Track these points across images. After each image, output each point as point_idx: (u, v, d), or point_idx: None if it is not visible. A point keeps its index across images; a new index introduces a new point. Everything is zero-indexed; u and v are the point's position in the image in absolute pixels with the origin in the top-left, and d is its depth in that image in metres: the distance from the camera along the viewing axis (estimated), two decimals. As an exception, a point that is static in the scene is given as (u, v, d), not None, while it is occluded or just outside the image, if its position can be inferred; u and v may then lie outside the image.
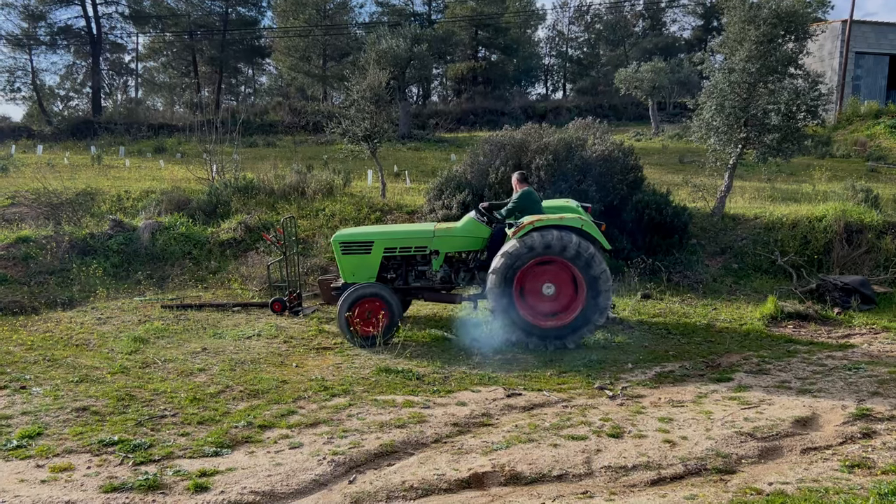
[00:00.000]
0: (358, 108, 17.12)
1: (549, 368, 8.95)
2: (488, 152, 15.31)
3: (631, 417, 7.21)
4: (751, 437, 6.67)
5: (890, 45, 37.37)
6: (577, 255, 9.60)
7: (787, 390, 8.06)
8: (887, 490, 5.12)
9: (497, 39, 51.59)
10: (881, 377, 8.45)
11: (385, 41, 32.11)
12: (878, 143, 28.67)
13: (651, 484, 5.82)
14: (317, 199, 16.91)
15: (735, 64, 14.23)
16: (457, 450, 6.42)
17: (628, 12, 57.56)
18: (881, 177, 22.56)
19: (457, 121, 41.70)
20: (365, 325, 9.99)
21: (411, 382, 8.31)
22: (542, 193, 14.27)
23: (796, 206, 15.85)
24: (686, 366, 9.10)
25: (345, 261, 10.70)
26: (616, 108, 44.97)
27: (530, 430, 6.87)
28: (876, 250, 13.74)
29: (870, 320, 11.37)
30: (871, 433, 6.77)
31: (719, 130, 14.87)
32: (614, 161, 14.88)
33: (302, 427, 6.90)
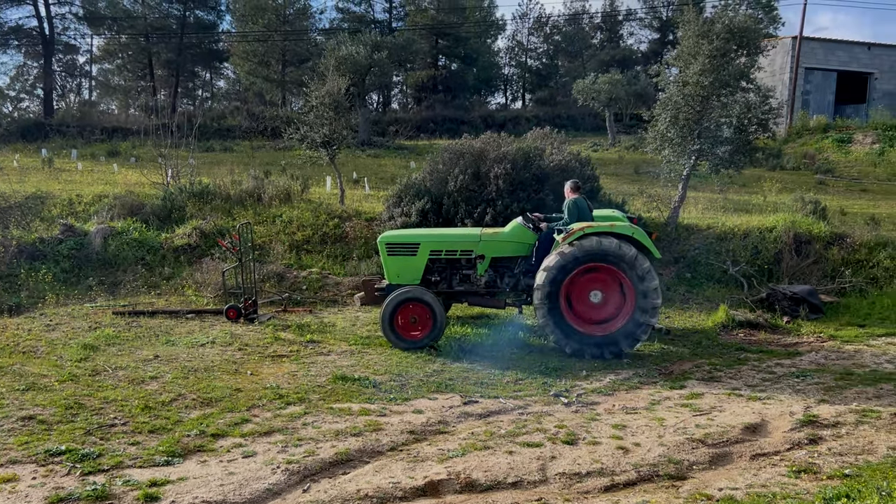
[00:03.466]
0: (317, 114, 17.03)
1: (505, 376, 9.00)
2: (447, 160, 15.35)
3: (585, 424, 7.29)
4: (702, 444, 6.79)
5: (837, 61, 38.52)
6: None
7: (738, 397, 8.23)
8: (832, 495, 5.25)
9: (457, 48, 51.78)
10: (827, 384, 8.68)
11: (345, 48, 31.99)
12: (826, 157, 29.46)
13: (604, 490, 5.89)
14: (274, 205, 16.76)
15: (689, 77, 14.51)
16: (413, 458, 6.42)
17: (586, 24, 58.28)
18: (829, 189, 23.18)
19: (417, 128, 41.68)
20: (409, 329, 10.13)
21: (368, 390, 8.28)
22: (501, 202, 14.39)
23: (748, 217, 16.20)
24: (640, 373, 9.23)
25: (390, 262, 10.75)
26: (574, 118, 45.41)
27: (486, 437, 6.90)
28: (823, 261, 14.10)
29: (817, 329, 11.67)
30: (818, 439, 6.95)
31: (673, 142, 15.14)
32: (571, 171, 15.03)
33: (256, 435, 6.83)
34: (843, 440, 6.89)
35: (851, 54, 38.78)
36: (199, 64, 55.04)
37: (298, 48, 47.89)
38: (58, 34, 48.26)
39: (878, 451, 6.57)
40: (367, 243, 15.03)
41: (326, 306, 13.17)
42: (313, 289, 13.80)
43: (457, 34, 50.95)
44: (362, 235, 15.33)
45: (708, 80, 14.22)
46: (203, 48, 52.08)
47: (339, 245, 15.26)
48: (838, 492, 5.30)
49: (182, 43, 49.47)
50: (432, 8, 51.39)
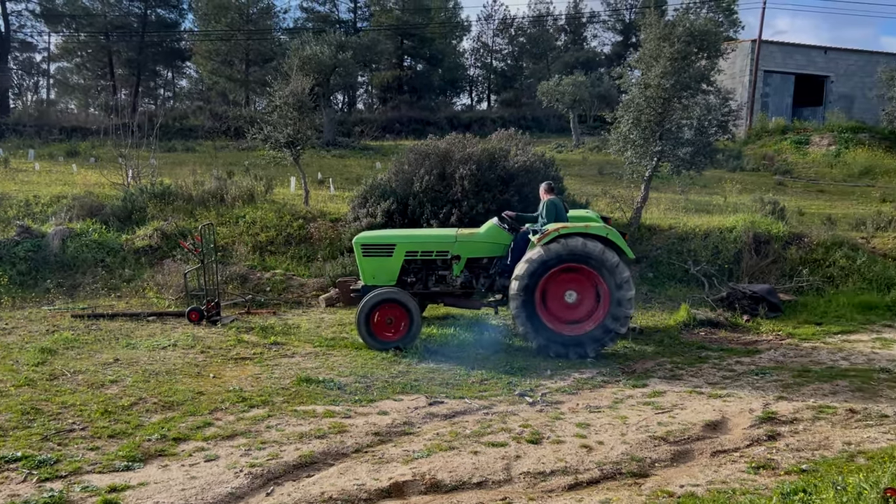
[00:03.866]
0: (280, 114, 16.90)
1: (471, 376, 9.01)
2: (413, 161, 15.34)
3: (550, 423, 7.34)
4: (664, 441, 6.88)
5: (795, 64, 39.33)
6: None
7: (699, 395, 8.35)
8: (789, 490, 5.36)
9: (422, 49, 51.82)
10: (786, 381, 8.85)
11: (309, 47, 31.78)
12: (784, 158, 30.05)
13: (568, 489, 5.94)
14: (237, 206, 16.58)
15: (651, 79, 14.70)
16: (377, 459, 6.40)
17: (551, 26, 58.70)
18: (787, 190, 23.65)
19: (382, 129, 41.57)
20: (385, 330, 10.10)
21: (332, 392, 8.23)
22: (466, 203, 14.43)
23: (708, 218, 16.46)
24: (603, 372, 9.31)
25: (365, 263, 10.71)
26: (539, 119, 45.72)
27: (451, 437, 6.91)
28: (782, 260, 14.38)
29: (776, 327, 11.89)
30: (776, 435, 7.08)
31: (636, 143, 15.32)
32: (536, 172, 15.14)
33: (218, 439, 6.75)
34: (801, 436, 7.03)
35: (809, 58, 39.62)
36: (161, 63, 54.29)
37: (262, 47, 47.50)
38: (14, 32, 47.24)
39: (834, 447, 6.73)
40: (332, 244, 14.97)
41: (291, 308, 13.08)
42: (277, 290, 13.69)
43: (422, 35, 50.98)
44: (327, 236, 15.25)
45: (669, 82, 14.41)
46: (165, 47, 51.38)
47: (304, 246, 15.16)
48: (795, 487, 5.40)
49: (143, 41, 48.74)
50: (397, 8, 51.37)
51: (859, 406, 7.85)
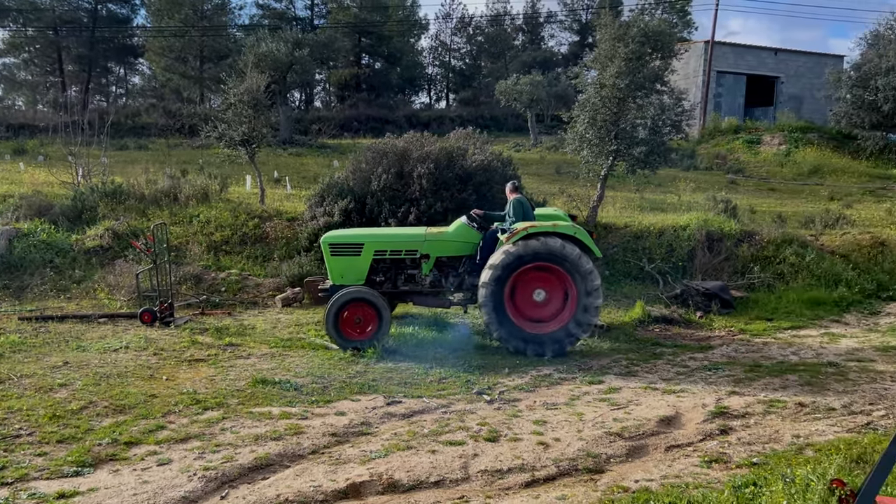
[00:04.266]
0: (235, 111, 16.68)
1: (429, 375, 9.00)
2: (370, 159, 15.28)
3: (507, 421, 7.37)
4: (619, 437, 6.96)
5: (747, 65, 40.16)
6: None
7: (654, 391, 8.47)
8: (741, 483, 5.46)
9: (380, 47, 51.62)
10: (737, 377, 9.02)
11: (265, 44, 31.43)
12: (736, 157, 30.65)
13: (525, 486, 5.97)
14: (191, 205, 16.31)
15: (606, 79, 14.86)
16: (334, 460, 6.36)
17: (508, 26, 58.98)
18: (739, 188, 24.13)
19: (340, 127, 41.28)
20: (354, 330, 10.01)
21: (289, 393, 8.15)
22: (425, 202, 14.42)
23: (663, 216, 16.70)
24: (560, 369, 9.38)
25: (333, 262, 10.60)
26: (497, 118, 45.90)
27: (409, 437, 6.89)
28: (734, 257, 14.66)
29: (728, 323, 12.12)
30: (728, 430, 7.22)
31: (592, 143, 15.47)
32: (494, 171, 15.21)
33: (171, 442, 6.63)
34: (752, 430, 7.18)
35: (760, 59, 40.49)
36: (113, 59, 53.15)
37: (217, 44, 46.80)
38: (-42, 26, 45.78)
39: (784, 440, 6.88)
40: (289, 244, 14.82)
41: (246, 308, 12.91)
42: (232, 290, 13.51)
43: (380, 33, 50.79)
44: (283, 236, 15.10)
45: (624, 82, 14.59)
46: (116, 43, 50.32)
47: (260, 245, 14.99)
48: (746, 480, 5.51)
49: (94, 37, 47.64)
50: (354, 6, 51.08)
51: (808, 400, 8.04)
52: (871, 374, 9.06)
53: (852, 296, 13.45)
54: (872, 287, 13.89)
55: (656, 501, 5.29)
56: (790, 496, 4.81)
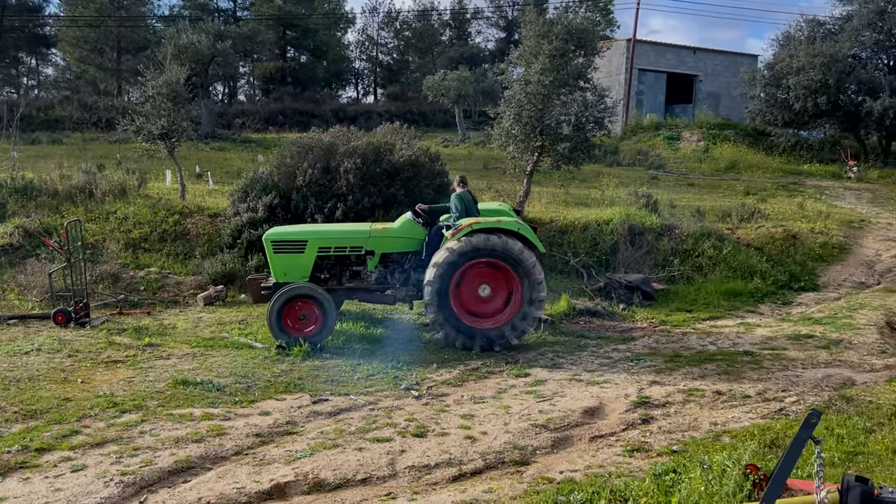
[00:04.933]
0: (154, 104, 16.16)
1: (357, 372, 8.93)
2: (296, 154, 15.03)
3: (435, 416, 7.37)
4: (545, 429, 7.05)
5: (667, 63, 41.28)
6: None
7: (578, 382, 8.61)
8: (661, 470, 5.60)
9: (306, 40, 50.89)
10: (659, 367, 9.26)
11: (185, 36, 30.58)
12: (658, 153, 31.49)
13: (452, 480, 5.98)
14: (107, 202, 15.71)
15: (531, 76, 15.03)
16: (258, 461, 6.23)
17: (436, 21, 59.02)
18: (660, 183, 24.76)
19: (265, 121, 40.52)
20: (298, 327, 9.85)
21: (211, 394, 7.95)
22: (352, 197, 14.28)
23: (587, 211, 17.00)
24: (488, 363, 9.44)
25: (276, 260, 10.39)
26: (425, 114, 45.89)
27: (336, 435, 6.82)
28: (655, 251, 15.05)
29: (650, 315, 12.43)
30: (649, 419, 7.40)
31: (517, 139, 15.62)
32: (421, 166, 15.19)
33: (87, 447, 6.38)
34: (672, 419, 7.37)
35: (679, 57, 41.67)
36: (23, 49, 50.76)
37: (135, 35, 45.26)
38: None
39: (702, 427, 7.10)
40: (211, 240, 14.46)
41: (167, 307, 12.53)
42: (152, 289, 13.09)
43: (305, 26, 50.05)
44: (205, 232, 14.71)
45: (548, 78, 14.77)
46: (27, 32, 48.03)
47: (181, 243, 14.57)
48: (667, 467, 5.66)
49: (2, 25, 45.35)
50: (279, -2, 50.20)
51: (725, 388, 8.31)
52: (784, 362, 9.44)
53: (766, 287, 13.99)
54: (785, 278, 14.48)
55: (580, 491, 5.37)
56: (707, 482, 4.96)
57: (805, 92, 27.78)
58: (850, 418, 7.09)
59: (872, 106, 26.68)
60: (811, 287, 14.43)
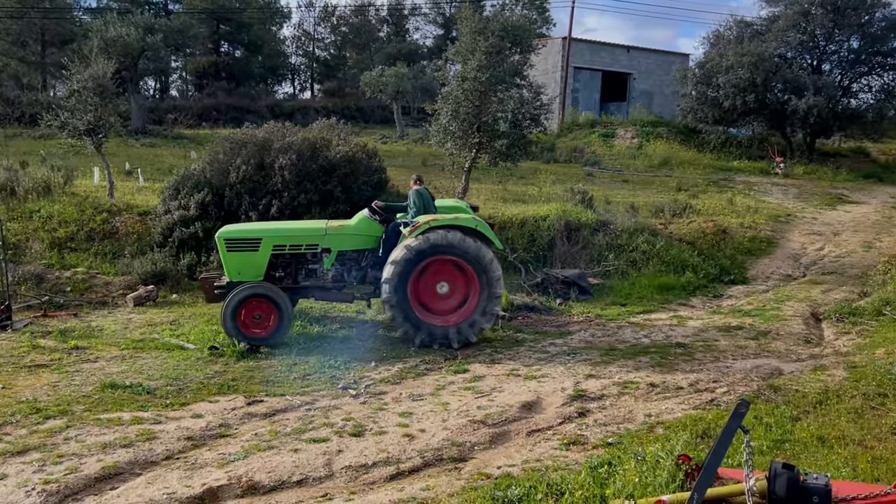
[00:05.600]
0: (79, 99, 15.59)
1: (293, 372, 8.79)
2: (229, 150, 14.71)
3: (373, 415, 7.30)
4: (483, 425, 7.06)
5: (602, 62, 41.91)
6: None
7: (516, 377, 8.65)
8: (596, 463, 5.66)
9: (240, 35, 49.90)
10: (594, 360, 9.37)
11: (114, 28, 29.59)
12: (593, 150, 31.95)
13: (390, 479, 5.93)
14: (31, 200, 15.06)
15: (468, 73, 15.06)
16: (190, 465, 6.07)
17: (373, 17, 58.65)
18: (596, 180, 25.13)
19: (198, 116, 39.58)
20: (252, 327, 9.68)
21: (141, 397, 7.71)
22: (287, 194, 14.06)
23: (525, 207, 17.12)
24: (427, 360, 9.41)
25: (230, 258, 10.14)
26: (363, 110, 45.57)
27: (271, 436, 6.69)
28: (591, 246, 15.26)
29: (586, 309, 12.59)
30: (586, 412, 7.49)
31: (455, 135, 15.64)
32: (359, 162, 15.06)
33: (7, 456, 6.12)
34: (608, 411, 7.48)
35: (613, 56, 42.36)
36: (-63, 40, 48.32)
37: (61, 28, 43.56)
38: None
39: (637, 419, 7.21)
40: (141, 239, 14.03)
41: (95, 309, 12.09)
42: (79, 290, 12.62)
43: (239, 20, 49.07)
44: (135, 231, 14.27)
45: (485, 75, 14.82)
46: (-58, 22, 45.76)
47: (109, 242, 14.09)
48: (602, 460, 5.72)
49: (-87, 15, 43.14)
50: (212, -9, 49.07)
51: (659, 380, 8.47)
52: (715, 354, 9.68)
53: (698, 280, 14.33)
54: (716, 272, 14.87)
55: (517, 486, 5.39)
56: (641, 473, 5.03)
57: (734, 90, 28.57)
58: (777, 407, 7.31)
59: (797, 104, 27.60)
60: (741, 280, 14.85)
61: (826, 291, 13.55)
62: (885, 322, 10.98)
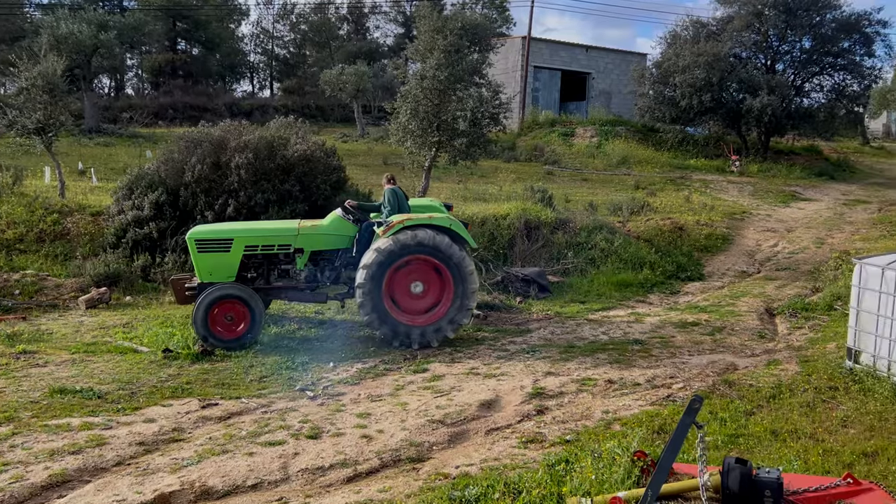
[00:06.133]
0: (28, 97, 15.18)
1: (249, 374, 8.66)
2: (183, 149, 14.45)
3: (330, 417, 7.22)
4: (442, 424, 7.03)
5: (561, 61, 42.18)
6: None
7: (476, 376, 8.63)
8: (554, 461, 5.66)
9: (197, 32, 49.19)
10: (553, 358, 9.40)
11: (65, 25, 28.90)
12: (553, 149, 32.13)
13: (347, 481, 5.87)
14: (-23, 200, 14.67)
15: (427, 71, 15.00)
16: (142, 471, 5.94)
17: (333, 15, 58.27)
18: (556, 178, 25.30)
19: (154, 115, 38.93)
20: (224, 328, 9.61)
21: (91, 402, 7.52)
22: (244, 193, 13.86)
23: (485, 206, 17.13)
24: (386, 360, 9.35)
25: (201, 259, 9.97)
26: (323, 109, 45.26)
27: (226, 440, 6.57)
28: (550, 244, 15.33)
29: (545, 307, 12.63)
30: (544, 409, 7.50)
31: (415, 134, 15.58)
32: (317, 161, 14.90)
33: (-51, 466, 5.90)
34: (566, 408, 7.50)
35: (572, 55, 42.66)
36: None
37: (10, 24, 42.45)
38: None
39: (594, 416, 7.25)
40: (94, 240, 13.72)
41: (45, 312, 11.74)
42: (28, 293, 12.26)
43: (196, 17, 48.36)
44: (87, 232, 13.94)
45: (444, 74, 14.79)
46: None
47: (60, 243, 13.74)
48: (559, 457, 5.72)
49: None
50: (168, -12, 48.28)
51: (616, 376, 8.53)
52: (672, 350, 9.78)
53: (655, 277, 14.48)
54: (673, 268, 15.03)
55: (475, 486, 5.36)
56: (598, 470, 5.04)
57: (690, 90, 28.97)
58: (732, 402, 7.41)
59: (752, 103, 28.08)
60: (697, 277, 15.05)
61: (780, 287, 13.80)
62: (836, 317, 11.20)
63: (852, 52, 30.65)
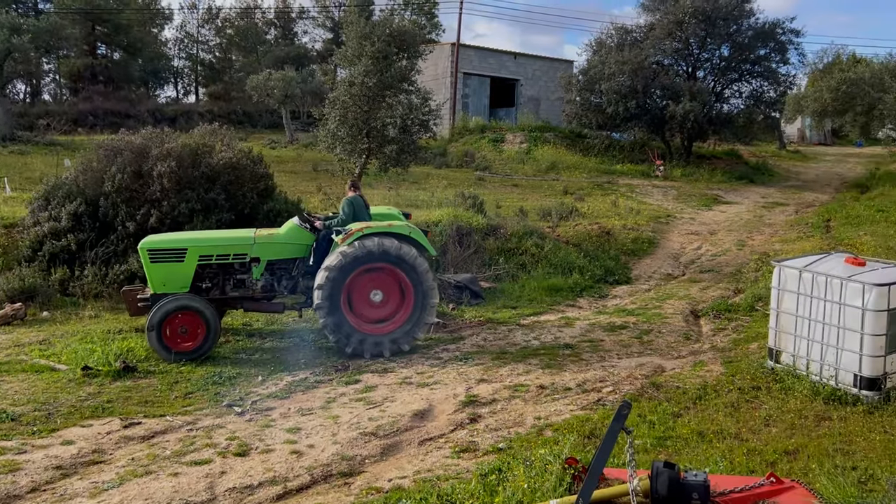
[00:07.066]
0: (-67, 103, 14.42)
1: (173, 390, 8.38)
2: (103, 158, 13.93)
3: (259, 432, 7.05)
4: (374, 437, 6.94)
5: (490, 68, 42.59)
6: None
7: (409, 385, 8.57)
8: (487, 470, 5.64)
9: (118, 37, 47.75)
10: (486, 364, 9.40)
11: (-26, 28, 27.71)
12: (483, 155, 32.39)
13: (276, 499, 5.74)
14: None
15: (355, 77, 14.90)
16: (59, 497, 5.68)
17: (260, 20, 57.42)
18: (487, 184, 25.48)
19: (73, 122, 37.55)
20: (179, 341, 9.38)
21: (4, 425, 7.14)
22: (167, 202, 13.46)
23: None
24: (316, 372, 9.18)
25: (153, 270, 9.68)
26: (251, 115, 44.54)
27: (149, 461, 6.34)
28: (482, 250, 15.39)
29: (478, 313, 12.65)
30: (477, 417, 7.49)
31: (344, 141, 15.45)
32: (243, 169, 14.57)
33: None
34: (498, 416, 7.51)
35: (501, 62, 43.13)
36: None
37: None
38: None
39: (527, 423, 7.27)
40: (7, 253, 13.07)
41: (-46, 330, 11.17)
42: (-65, 311, 11.62)
43: (117, 21, 46.92)
44: (0, 244, 13.30)
45: (372, 80, 14.71)
46: None
47: (-30, 257, 13.08)
48: (492, 467, 5.70)
49: None
50: (86, -10, 46.70)
51: (548, 381, 8.58)
52: (601, 353, 9.92)
53: (584, 281, 14.68)
54: (601, 272, 15.26)
55: (408, 499, 5.31)
56: (530, 479, 5.05)
57: (616, 97, 29.65)
58: (660, 404, 7.55)
59: (675, 109, 28.91)
60: (625, 280, 15.33)
61: (704, 289, 14.19)
62: (758, 317, 11.57)
63: (768, 60, 31.90)
